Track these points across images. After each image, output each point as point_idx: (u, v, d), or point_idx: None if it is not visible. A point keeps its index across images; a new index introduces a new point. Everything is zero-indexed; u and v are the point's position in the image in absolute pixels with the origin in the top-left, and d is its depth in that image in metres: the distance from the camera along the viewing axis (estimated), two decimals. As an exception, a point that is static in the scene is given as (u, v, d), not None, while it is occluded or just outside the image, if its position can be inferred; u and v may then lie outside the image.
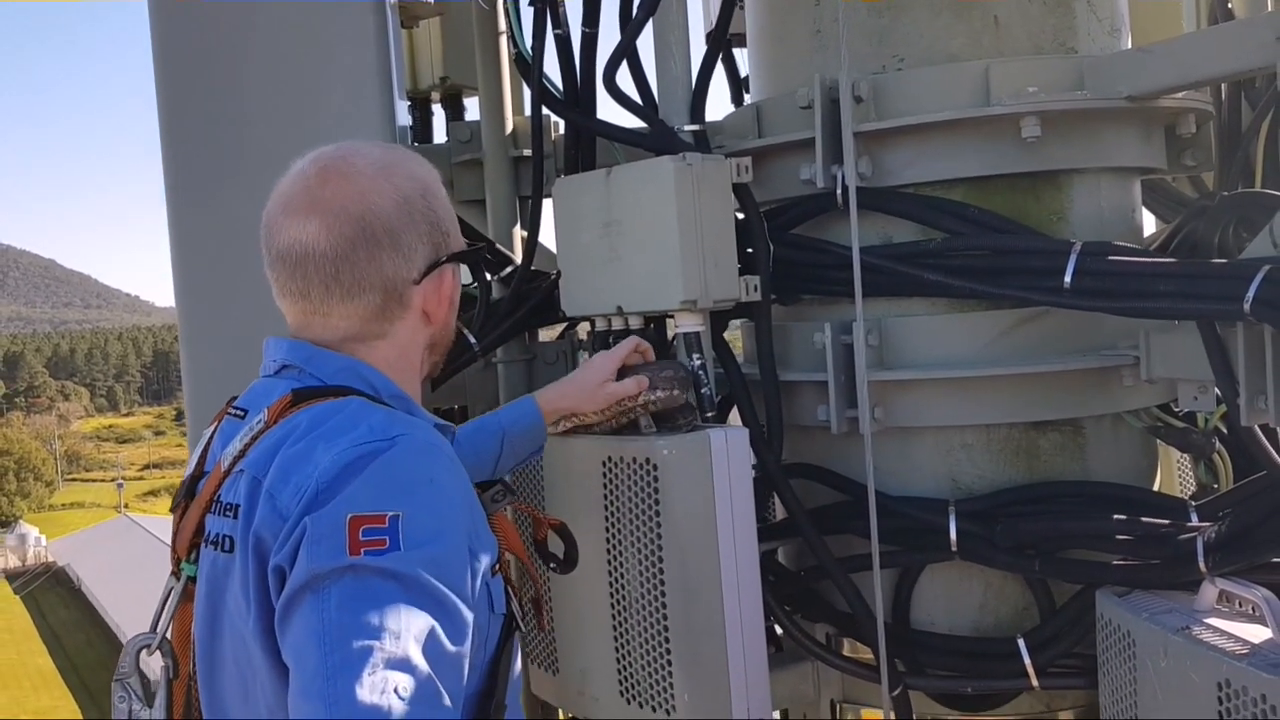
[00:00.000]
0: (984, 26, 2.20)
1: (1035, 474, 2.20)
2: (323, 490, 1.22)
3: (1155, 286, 1.89)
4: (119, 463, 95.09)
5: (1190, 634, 1.75)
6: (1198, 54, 2.01)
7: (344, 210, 1.40)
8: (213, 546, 1.34)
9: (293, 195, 1.43)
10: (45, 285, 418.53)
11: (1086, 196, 2.23)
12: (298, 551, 1.20)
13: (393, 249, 1.42)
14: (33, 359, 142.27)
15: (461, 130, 2.94)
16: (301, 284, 1.42)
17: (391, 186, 1.43)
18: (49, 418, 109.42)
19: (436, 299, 1.49)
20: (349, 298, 1.42)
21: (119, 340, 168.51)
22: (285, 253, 1.42)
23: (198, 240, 2.06)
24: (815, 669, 2.38)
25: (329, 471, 1.23)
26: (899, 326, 2.20)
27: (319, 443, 1.28)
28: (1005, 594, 2.21)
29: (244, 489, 1.31)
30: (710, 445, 1.99)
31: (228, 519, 1.32)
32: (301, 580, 1.18)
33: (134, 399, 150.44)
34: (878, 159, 2.19)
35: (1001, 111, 2.08)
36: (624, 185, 2.15)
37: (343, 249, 1.40)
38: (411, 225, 1.44)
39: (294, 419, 1.35)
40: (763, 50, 2.53)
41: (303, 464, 1.26)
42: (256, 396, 1.46)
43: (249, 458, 1.35)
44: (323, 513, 1.20)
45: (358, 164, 1.44)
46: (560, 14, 2.29)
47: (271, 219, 1.44)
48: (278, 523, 1.23)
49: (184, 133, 2.10)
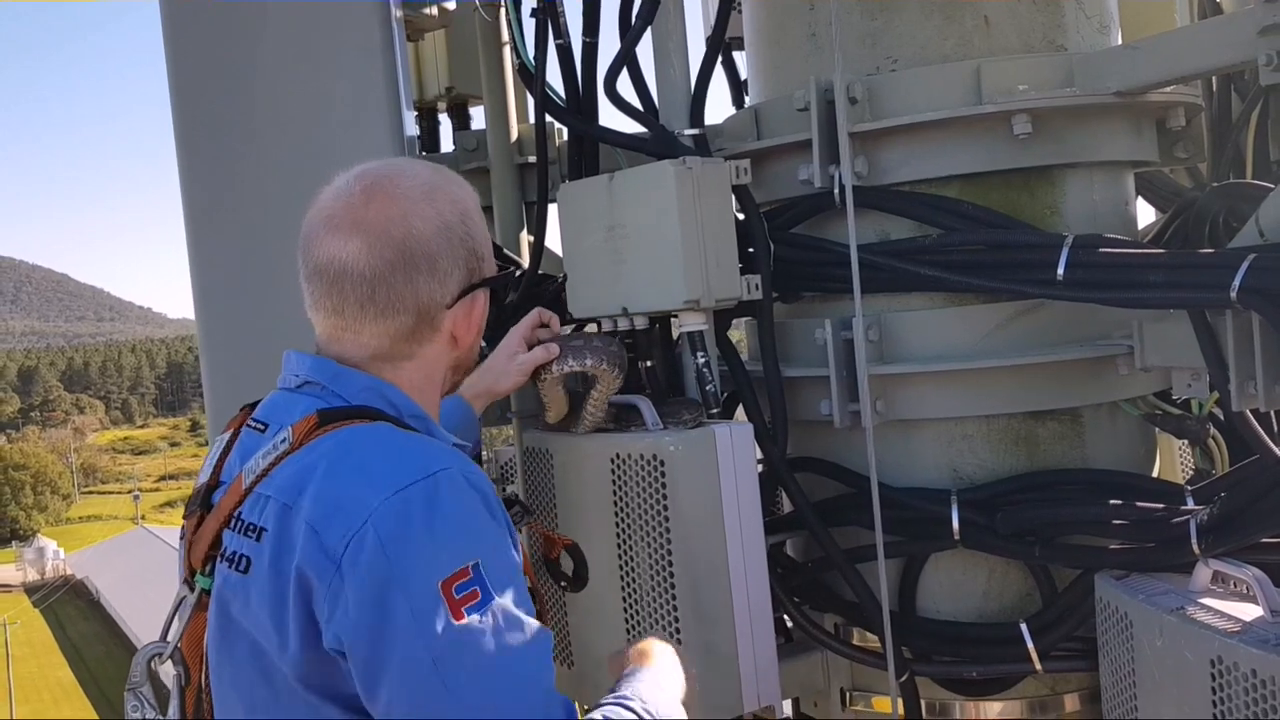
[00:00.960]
0: (975, 27, 2.25)
1: (1035, 463, 2.24)
2: (387, 543, 1.23)
3: (1145, 277, 1.93)
4: (135, 475, 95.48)
5: (1184, 614, 1.80)
6: (1184, 49, 2.05)
7: (386, 232, 1.41)
8: (227, 564, 1.34)
9: (336, 210, 1.44)
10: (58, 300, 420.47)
11: (1079, 191, 2.27)
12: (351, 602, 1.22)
13: (430, 273, 1.44)
14: (47, 373, 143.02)
15: (468, 139, 3.00)
16: (337, 300, 1.43)
17: (434, 211, 1.45)
18: (64, 431, 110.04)
19: (467, 324, 1.51)
20: (382, 318, 1.43)
21: (132, 352, 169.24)
22: (324, 268, 1.43)
23: (213, 249, 2.13)
24: (825, 659, 2.44)
25: (385, 519, 1.24)
26: (898, 321, 2.25)
27: (360, 478, 1.28)
28: (1008, 580, 2.26)
29: (273, 514, 1.31)
30: (716, 441, 2.05)
31: (249, 539, 1.32)
32: (419, 655, 1.19)
33: (149, 411, 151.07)
34: (873, 158, 2.24)
35: (993, 110, 2.13)
36: (626, 189, 2.21)
37: (381, 271, 1.41)
38: (450, 251, 1.46)
39: (321, 443, 1.35)
40: (760, 53, 2.58)
41: (348, 503, 1.26)
42: (277, 410, 1.46)
43: (275, 481, 1.34)
44: (411, 584, 1.21)
45: (403, 185, 1.45)
46: (561, 24, 2.35)
47: (312, 231, 1.45)
48: (324, 562, 1.24)
49: (198, 145, 2.17)
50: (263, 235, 2.12)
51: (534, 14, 2.38)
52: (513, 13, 2.40)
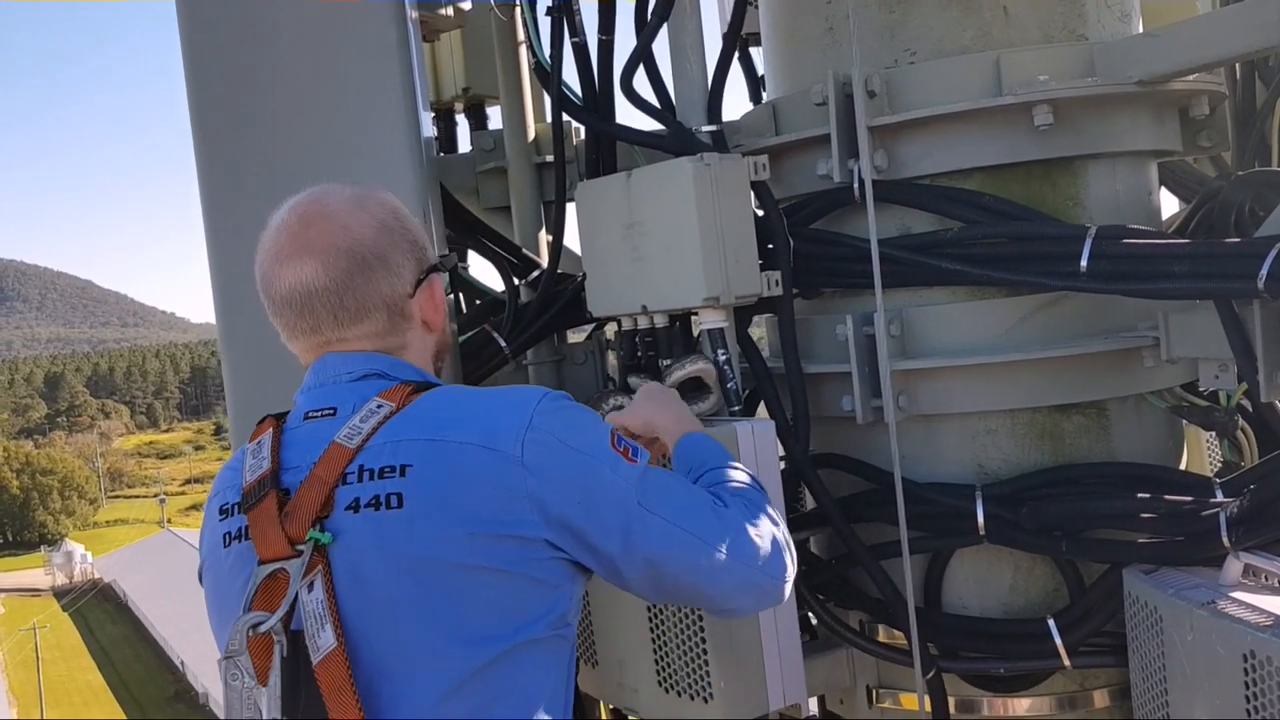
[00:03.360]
0: (994, 18, 2.23)
1: (1060, 457, 2.22)
2: (559, 431, 1.46)
3: (1170, 268, 1.91)
4: (160, 478, 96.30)
5: (1215, 608, 1.78)
6: (1206, 36, 2.03)
7: (333, 246, 1.51)
8: (371, 508, 1.41)
9: (281, 244, 1.54)
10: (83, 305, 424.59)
11: (1102, 181, 2.25)
12: (560, 484, 1.43)
13: (384, 270, 1.54)
14: (73, 379, 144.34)
15: (485, 139, 3.00)
16: (311, 320, 1.53)
17: (368, 216, 1.56)
18: (90, 436, 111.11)
19: (431, 306, 1.62)
20: (356, 321, 1.54)
21: (156, 357, 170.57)
22: (290, 296, 1.53)
23: (232, 251, 2.13)
24: (850, 656, 2.42)
25: (541, 419, 1.46)
26: (920, 316, 2.24)
27: (497, 404, 1.49)
28: (1034, 576, 2.24)
29: (416, 450, 1.43)
30: (738, 437, 2.04)
31: (389, 480, 1.41)
32: (628, 497, 1.47)
33: (173, 415, 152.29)
34: (893, 152, 2.22)
35: (1013, 101, 2.11)
36: (644, 187, 2.20)
37: (341, 280, 1.51)
38: (393, 246, 1.56)
39: (429, 398, 1.50)
40: (777, 48, 2.57)
41: (503, 419, 1.45)
42: (339, 397, 1.53)
43: (395, 430, 1.45)
44: (594, 450, 1.48)
45: (331, 204, 1.56)
46: (577, 22, 2.35)
47: (266, 269, 1.55)
48: (508, 465, 1.42)
49: (215, 148, 2.17)
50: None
51: (549, 13, 2.38)
52: (528, 12, 2.40)
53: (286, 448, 1.52)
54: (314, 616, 1.37)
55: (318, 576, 1.39)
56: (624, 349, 2.39)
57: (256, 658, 1.35)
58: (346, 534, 1.41)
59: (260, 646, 1.35)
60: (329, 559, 1.40)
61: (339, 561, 1.40)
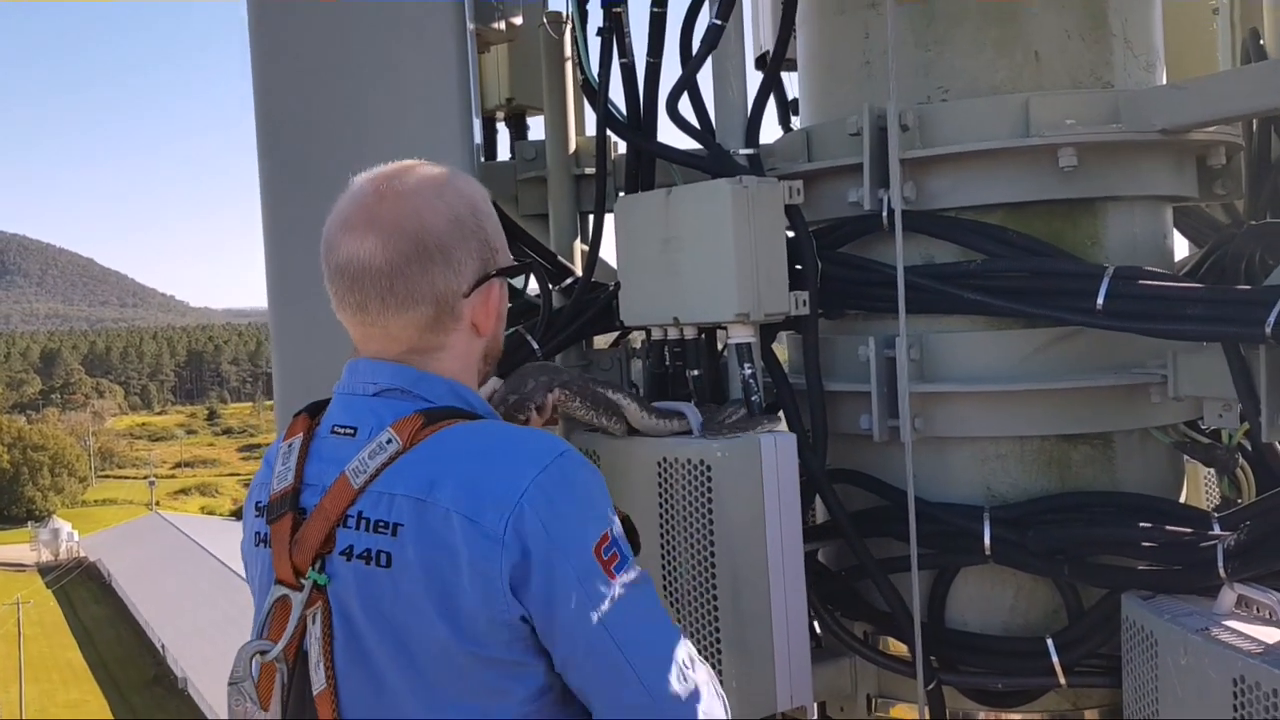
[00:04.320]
0: (1025, 61, 2.33)
1: (1066, 484, 2.31)
2: (546, 520, 1.37)
3: (1183, 310, 2.00)
4: (151, 460, 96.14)
5: (1209, 634, 1.87)
6: (1227, 92, 2.13)
7: (400, 227, 1.48)
8: (362, 560, 1.40)
9: (351, 213, 1.51)
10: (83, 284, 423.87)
11: (1120, 223, 2.35)
12: (531, 570, 1.36)
13: (444, 263, 1.50)
14: (69, 356, 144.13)
15: (527, 149, 3.10)
16: (359, 296, 1.50)
17: (444, 204, 1.52)
18: (84, 414, 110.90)
19: (484, 311, 1.56)
20: (402, 309, 1.49)
21: (154, 339, 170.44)
22: (344, 266, 1.50)
23: (290, 248, 2.23)
24: (853, 664, 2.51)
25: (536, 498, 1.38)
26: (939, 342, 2.33)
27: (498, 466, 1.40)
28: (1035, 596, 2.33)
29: (407, 510, 1.38)
30: (761, 449, 2.13)
31: (382, 535, 1.39)
32: (586, 614, 1.36)
33: (167, 398, 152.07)
34: (922, 184, 2.32)
35: (1040, 142, 2.21)
36: (683, 204, 2.30)
37: (397, 263, 1.47)
38: (462, 241, 1.52)
39: (436, 440, 1.43)
40: (814, 77, 2.66)
41: (496, 488, 1.38)
42: (361, 415, 1.50)
43: (398, 478, 1.41)
44: (571, 554, 1.38)
45: (411, 183, 1.52)
46: (626, 44, 2.45)
47: (331, 235, 1.52)
48: (487, 543, 1.36)
49: (280, 150, 2.28)
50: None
51: (600, 33, 2.47)
52: (580, 32, 2.49)
53: (311, 459, 1.52)
54: (314, 651, 1.41)
55: (318, 612, 1.41)
56: (652, 358, 2.48)
57: (261, 682, 1.40)
58: (339, 579, 1.42)
59: (265, 670, 1.40)
60: (327, 597, 1.42)
61: (335, 603, 1.42)
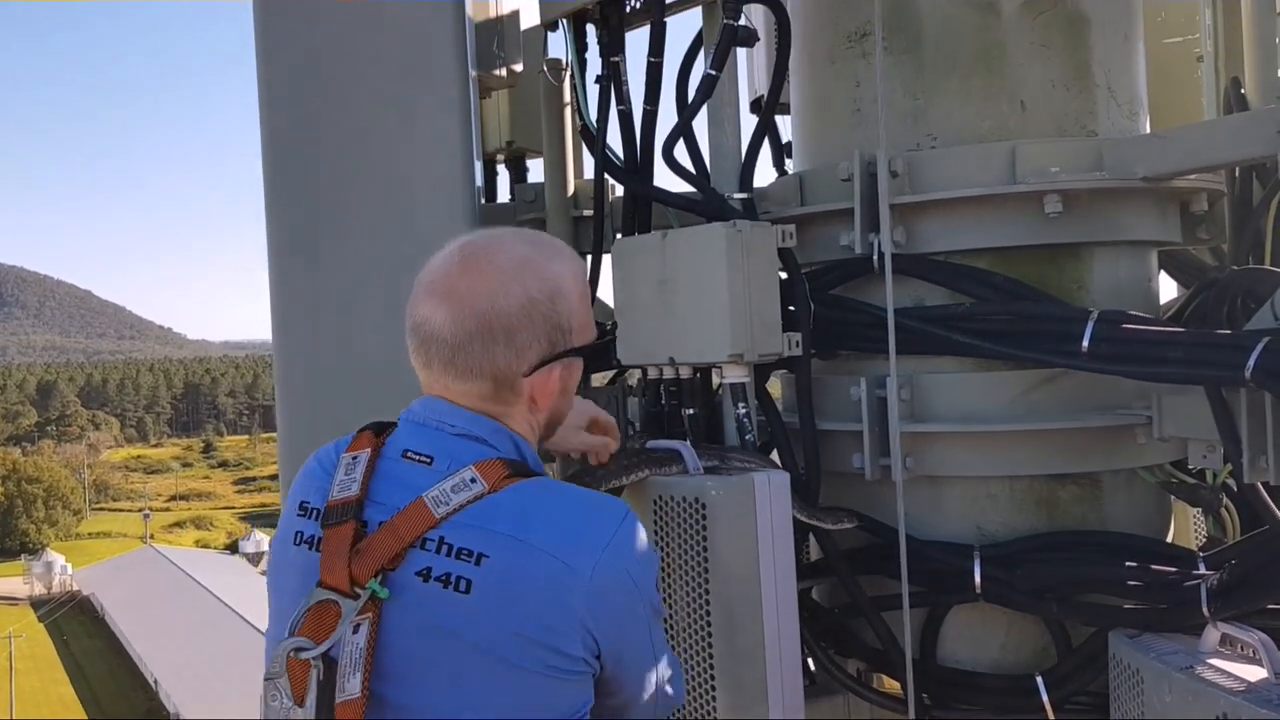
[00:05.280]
0: (1011, 110, 2.39)
1: (1055, 523, 2.35)
2: (629, 565, 1.53)
3: (1165, 353, 2.05)
4: (146, 493, 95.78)
5: (1194, 672, 1.91)
6: (1208, 142, 2.20)
7: (471, 305, 1.53)
8: (440, 582, 1.45)
9: (435, 279, 1.58)
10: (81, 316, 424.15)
11: (1105, 267, 2.40)
12: (605, 605, 1.49)
13: (507, 345, 1.55)
14: (66, 388, 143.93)
15: (527, 191, 3.16)
16: (426, 358, 1.58)
17: (520, 288, 1.56)
18: (79, 447, 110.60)
19: (544, 390, 1.61)
20: (462, 379, 1.56)
21: (150, 371, 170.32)
22: (418, 327, 1.57)
23: (295, 281, 2.30)
24: (847, 701, 2.54)
25: (619, 547, 1.52)
26: (929, 382, 2.38)
27: (584, 517, 1.53)
28: (1025, 634, 2.36)
29: (497, 544, 1.46)
30: (755, 487, 2.17)
31: (464, 563, 1.45)
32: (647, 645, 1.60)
33: (163, 430, 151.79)
34: (911, 228, 2.38)
35: (1026, 189, 2.27)
36: (679, 247, 2.35)
37: (461, 339, 1.54)
38: (530, 326, 1.56)
39: (519, 489, 1.52)
40: (806, 123, 2.73)
41: (583, 534, 1.50)
42: (438, 448, 1.56)
43: (482, 514, 1.48)
44: (645, 596, 1.57)
45: (497, 260, 1.57)
46: (624, 92, 2.51)
47: (415, 292, 1.59)
48: (574, 581, 1.47)
49: (288, 190, 2.34)
50: (344, 269, 2.29)
51: (598, 81, 2.54)
52: (579, 79, 2.56)
53: (378, 478, 1.55)
54: (349, 659, 1.42)
55: (365, 623, 1.43)
56: (648, 396, 2.53)
57: (294, 679, 1.42)
58: (407, 596, 1.45)
59: (298, 668, 1.42)
60: (380, 611, 1.44)
61: (390, 619, 1.45)
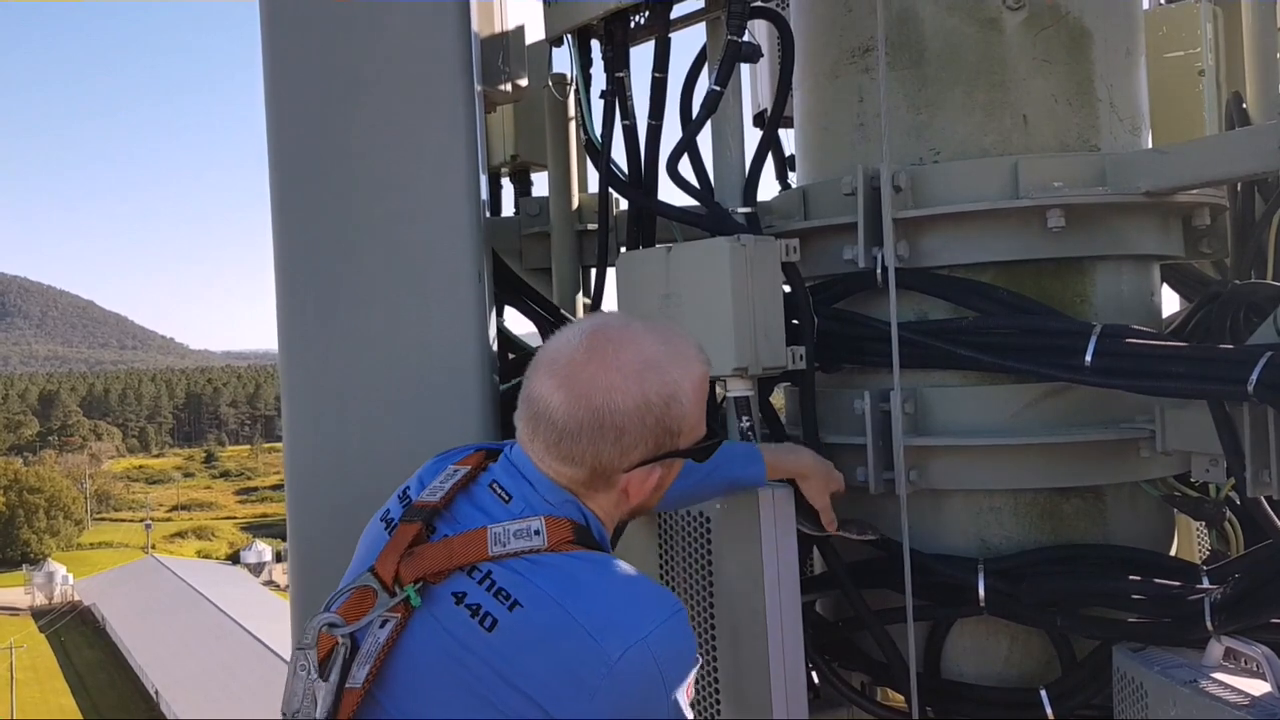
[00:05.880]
0: (1014, 125, 2.40)
1: (1059, 536, 2.36)
2: (660, 660, 1.47)
3: (1168, 368, 2.06)
4: (148, 503, 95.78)
5: (1197, 686, 1.91)
6: (1209, 157, 2.21)
7: (588, 397, 1.54)
8: (469, 611, 1.48)
9: (558, 359, 1.58)
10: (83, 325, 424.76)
11: (1108, 281, 2.41)
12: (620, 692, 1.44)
13: (615, 442, 1.55)
14: (68, 398, 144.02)
15: (531, 205, 3.19)
16: (532, 431, 1.59)
17: (640, 390, 1.55)
18: (81, 457, 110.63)
19: (641, 487, 1.61)
20: (562, 463, 1.57)
21: (152, 381, 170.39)
22: (532, 401, 1.59)
23: (302, 296, 2.32)
24: (850, 715, 2.54)
25: (659, 641, 1.48)
26: (933, 396, 2.38)
27: (630, 604, 1.51)
28: (1029, 647, 2.37)
29: (536, 599, 1.48)
30: (759, 502, 2.18)
31: (499, 602, 1.48)
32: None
33: (165, 440, 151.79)
34: (915, 243, 2.39)
35: (1029, 204, 2.28)
36: (683, 261, 2.36)
37: (571, 428, 1.54)
38: (641, 428, 1.56)
39: (577, 557, 1.53)
40: (809, 137, 2.74)
41: (623, 619, 1.48)
42: (522, 490, 1.59)
43: (534, 568, 1.51)
44: (663, 690, 1.48)
45: (623, 357, 1.56)
46: (628, 106, 2.53)
47: (538, 364, 1.61)
48: (597, 664, 1.44)
49: (295, 203, 2.36)
50: (347, 283, 2.31)
51: (602, 96, 2.55)
52: (584, 94, 2.58)
53: (464, 496, 1.61)
54: (367, 649, 1.49)
55: (392, 622, 1.49)
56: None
57: (322, 652, 1.49)
58: (437, 610, 1.50)
59: (328, 642, 1.49)
60: (409, 616, 1.50)
61: (414, 626, 1.50)
